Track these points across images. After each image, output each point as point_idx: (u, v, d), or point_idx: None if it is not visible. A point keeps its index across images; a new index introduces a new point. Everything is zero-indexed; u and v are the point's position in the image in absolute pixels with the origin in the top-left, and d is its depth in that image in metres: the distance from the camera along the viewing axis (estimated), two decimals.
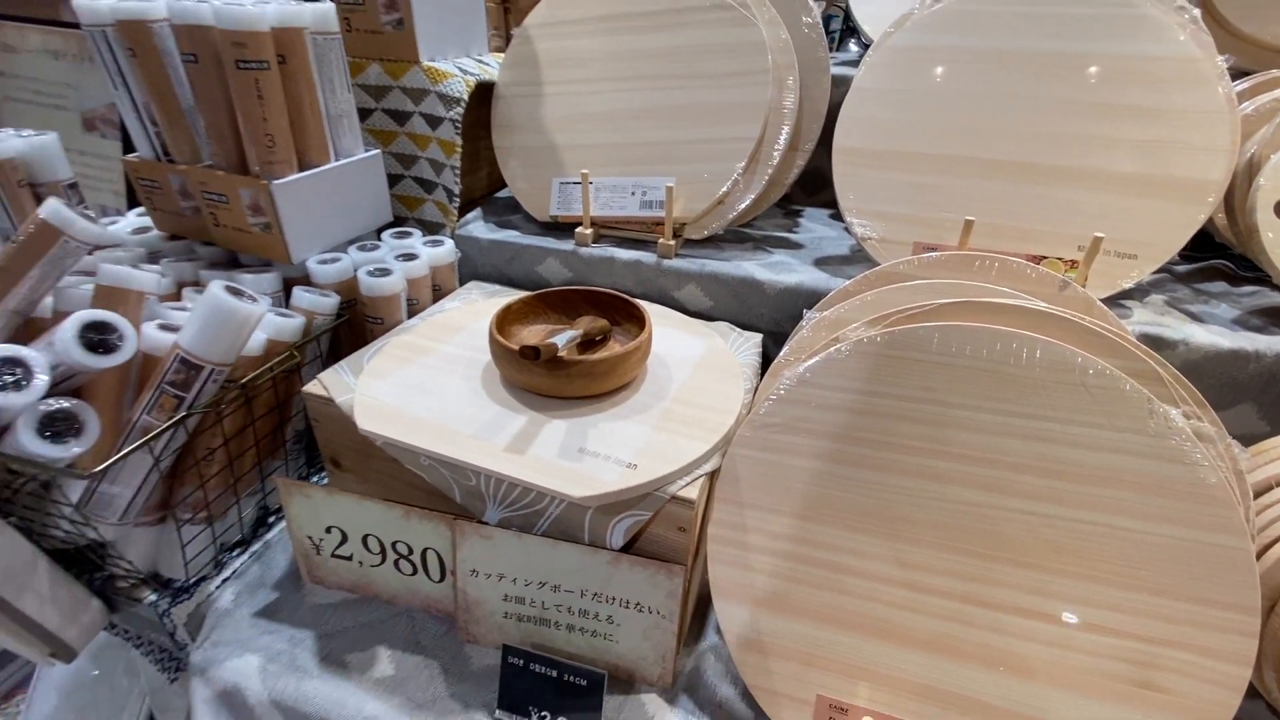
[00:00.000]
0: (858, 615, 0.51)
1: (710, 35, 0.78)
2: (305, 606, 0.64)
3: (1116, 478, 0.46)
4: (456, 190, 0.85)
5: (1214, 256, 0.81)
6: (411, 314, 0.76)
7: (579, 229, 0.82)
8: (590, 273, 0.82)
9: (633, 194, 0.80)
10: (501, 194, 0.99)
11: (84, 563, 0.63)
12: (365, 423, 0.55)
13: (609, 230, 0.83)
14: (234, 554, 0.68)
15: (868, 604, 0.50)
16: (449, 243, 0.81)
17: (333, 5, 0.71)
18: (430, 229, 0.88)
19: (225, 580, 0.65)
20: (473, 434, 0.55)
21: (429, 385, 0.61)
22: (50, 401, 0.50)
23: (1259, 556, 0.52)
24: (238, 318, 0.55)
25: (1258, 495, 0.55)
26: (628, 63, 0.82)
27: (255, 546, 0.69)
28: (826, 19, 1.74)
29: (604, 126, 0.83)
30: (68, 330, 0.50)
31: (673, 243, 0.78)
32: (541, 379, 0.56)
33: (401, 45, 0.81)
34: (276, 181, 0.68)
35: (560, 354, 0.55)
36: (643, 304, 0.65)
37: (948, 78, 0.72)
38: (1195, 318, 0.67)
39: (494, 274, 0.87)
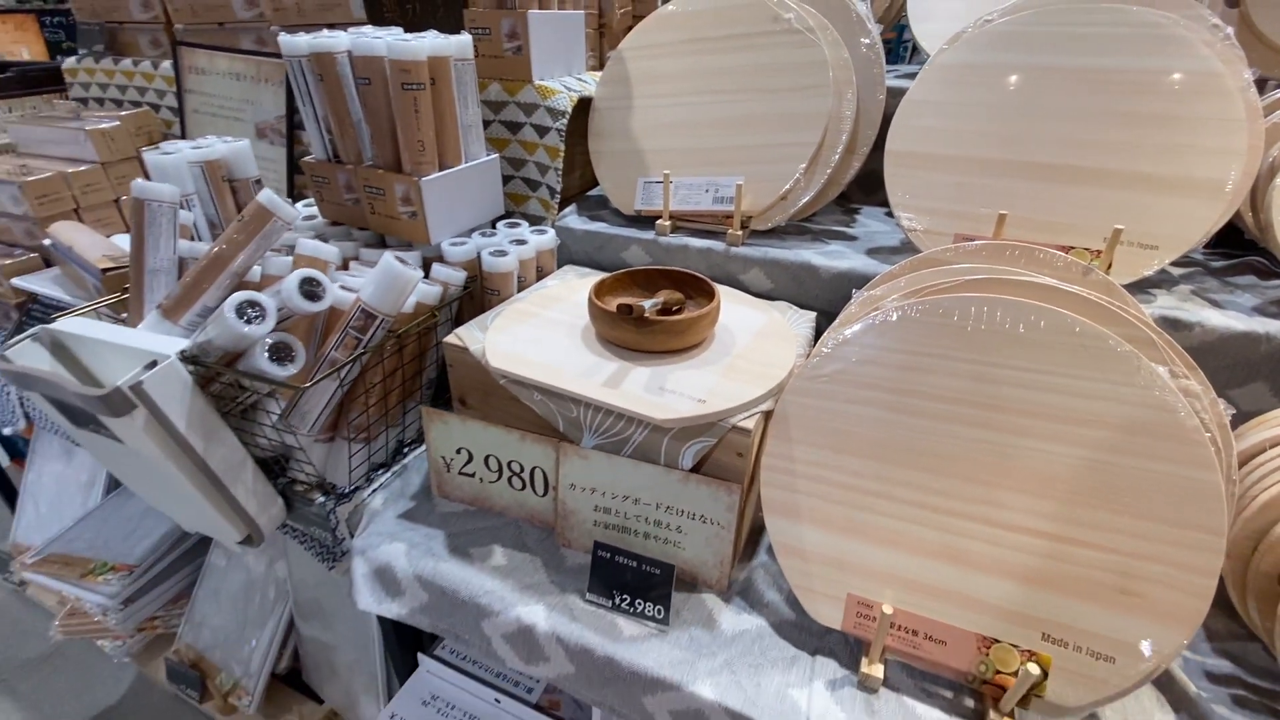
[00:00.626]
0: (883, 530, 0.62)
1: (779, 55, 0.91)
2: (435, 513, 0.80)
3: (1108, 421, 0.55)
4: (558, 188, 1.01)
5: (1248, 254, 0.87)
6: (521, 288, 0.92)
7: (659, 221, 0.96)
8: (668, 258, 0.95)
9: (706, 191, 0.94)
10: (592, 192, 1.15)
11: (272, 469, 0.82)
12: (496, 363, 0.71)
13: (684, 222, 0.97)
14: (379, 472, 0.85)
15: (892, 521, 0.61)
16: (551, 232, 0.97)
17: (470, 36, 0.88)
18: (534, 221, 1.05)
19: (374, 490, 0.83)
20: (576, 374, 0.69)
21: (540, 340, 0.76)
22: (276, 334, 0.68)
23: (1245, 505, 0.60)
24: (404, 279, 0.72)
25: (1254, 455, 0.62)
26: (705, 79, 0.96)
27: (395, 468, 0.86)
28: (900, 28, 1.81)
29: (683, 133, 0.97)
30: (291, 282, 0.68)
31: (740, 233, 0.91)
32: (631, 334, 0.71)
33: (518, 67, 0.98)
34: (424, 178, 0.86)
35: (646, 315, 0.69)
36: (711, 281, 0.79)
37: (990, 90, 0.82)
38: (1215, 304, 0.74)
39: (585, 259, 1.02)
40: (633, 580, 0.67)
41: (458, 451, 0.78)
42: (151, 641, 1.29)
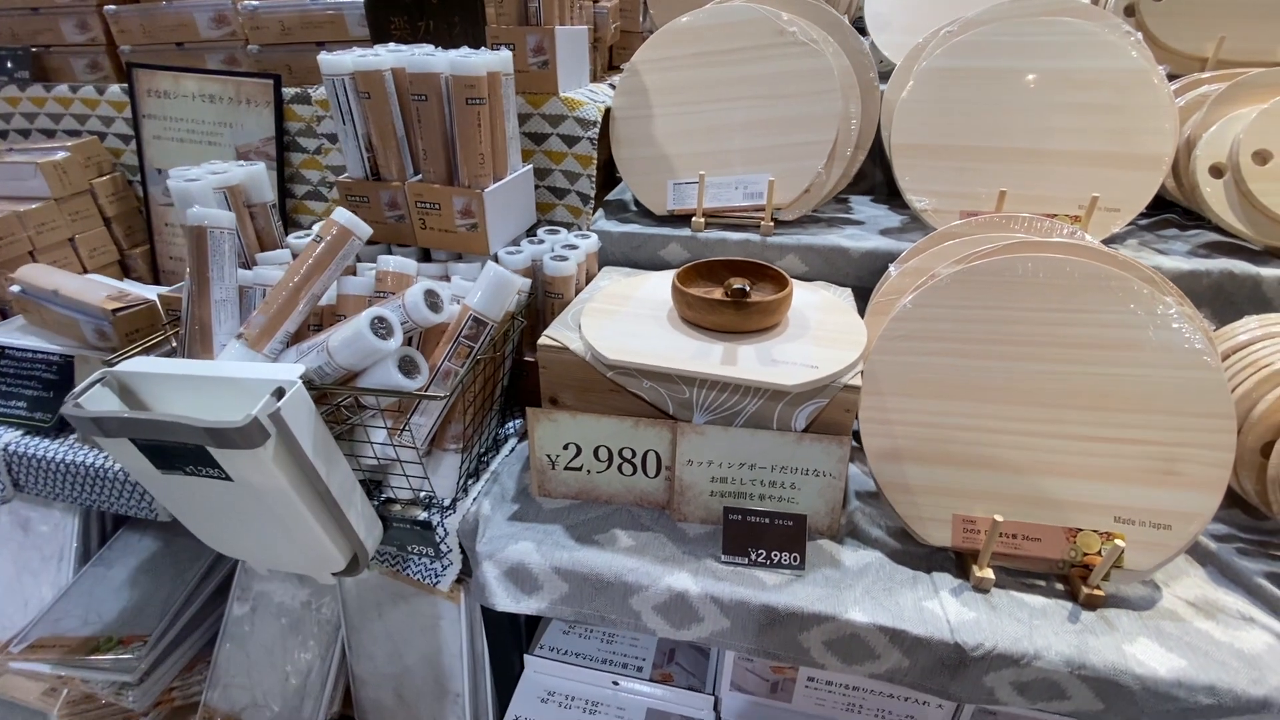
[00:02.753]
0: (972, 456, 0.73)
1: (788, 64, 1.02)
2: (543, 511, 0.83)
3: (1136, 344, 0.70)
4: (591, 194, 1.06)
5: (1165, 212, 1.09)
6: (575, 291, 0.96)
7: (694, 219, 1.04)
8: (706, 251, 1.03)
9: (736, 189, 1.03)
10: (610, 196, 1.21)
11: (368, 489, 0.80)
12: (613, 355, 0.75)
13: (715, 218, 1.06)
14: (470, 481, 0.86)
15: (978, 448, 0.73)
16: (594, 236, 1.02)
17: (510, 52, 0.92)
18: (561, 227, 1.09)
19: (475, 498, 0.84)
20: (689, 357, 0.75)
21: (634, 332, 0.81)
22: (403, 348, 0.68)
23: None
24: (511, 285, 0.75)
25: (1225, 358, 0.81)
26: (720, 88, 1.05)
27: (486, 475, 0.87)
28: None
29: (705, 137, 1.06)
30: (415, 295, 0.69)
31: (772, 224, 1.01)
32: (731, 317, 0.78)
33: (544, 80, 1.02)
34: (486, 190, 0.88)
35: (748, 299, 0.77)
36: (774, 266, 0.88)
37: (971, 89, 0.97)
38: (1161, 252, 0.94)
39: (622, 259, 1.08)
40: (765, 536, 0.74)
41: (565, 447, 0.81)
42: (168, 717, 1.17)
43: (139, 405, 0.73)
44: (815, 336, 0.80)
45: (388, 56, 0.86)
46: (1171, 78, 1.05)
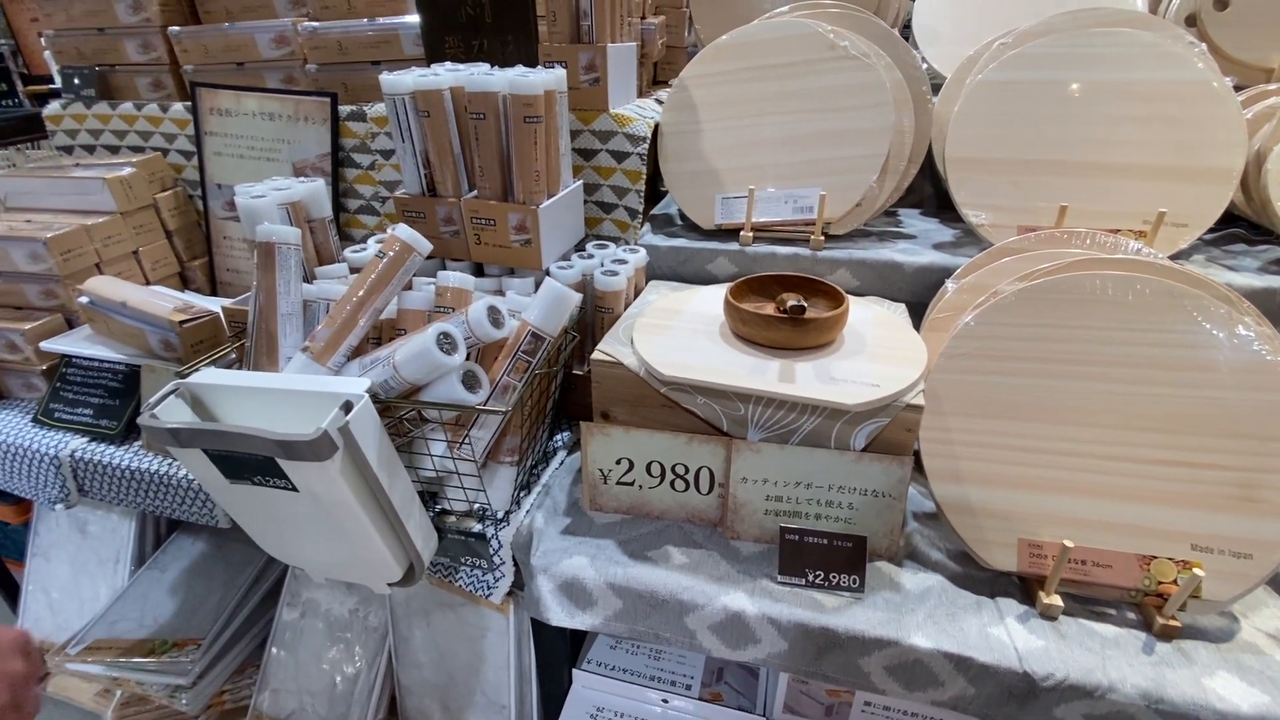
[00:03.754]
0: (1040, 479, 0.71)
1: (839, 79, 1.01)
2: (595, 525, 0.83)
3: (1211, 365, 0.67)
4: (639, 209, 1.07)
5: (1232, 227, 1.06)
6: (624, 305, 0.96)
7: (742, 233, 1.04)
8: (755, 265, 1.03)
9: (785, 203, 1.03)
10: (656, 210, 1.21)
11: (423, 500, 0.81)
12: (668, 372, 0.75)
13: (763, 232, 1.05)
14: (521, 493, 0.87)
15: (1046, 470, 0.71)
16: (642, 251, 1.02)
17: (563, 70, 0.93)
18: (610, 241, 1.09)
19: (527, 510, 0.84)
20: (745, 374, 0.75)
21: (687, 347, 0.81)
22: (466, 362, 0.69)
23: None
24: (569, 301, 0.76)
25: None
26: (769, 102, 1.05)
27: (537, 488, 0.88)
28: None
29: (753, 151, 1.06)
30: (479, 312, 0.70)
31: (822, 238, 1.01)
32: (788, 333, 0.77)
33: (595, 97, 1.03)
34: (541, 206, 0.89)
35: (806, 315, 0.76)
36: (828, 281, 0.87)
37: (1029, 102, 0.95)
38: (1230, 268, 0.91)
39: (668, 273, 1.08)
40: (823, 557, 0.73)
41: (617, 462, 0.81)
42: (219, 718, 1.19)
43: (208, 416, 0.75)
44: (873, 353, 0.79)
45: (446, 76, 0.88)
46: (1237, 89, 1.02)
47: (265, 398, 0.72)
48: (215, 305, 1.02)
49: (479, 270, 1.01)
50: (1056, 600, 0.69)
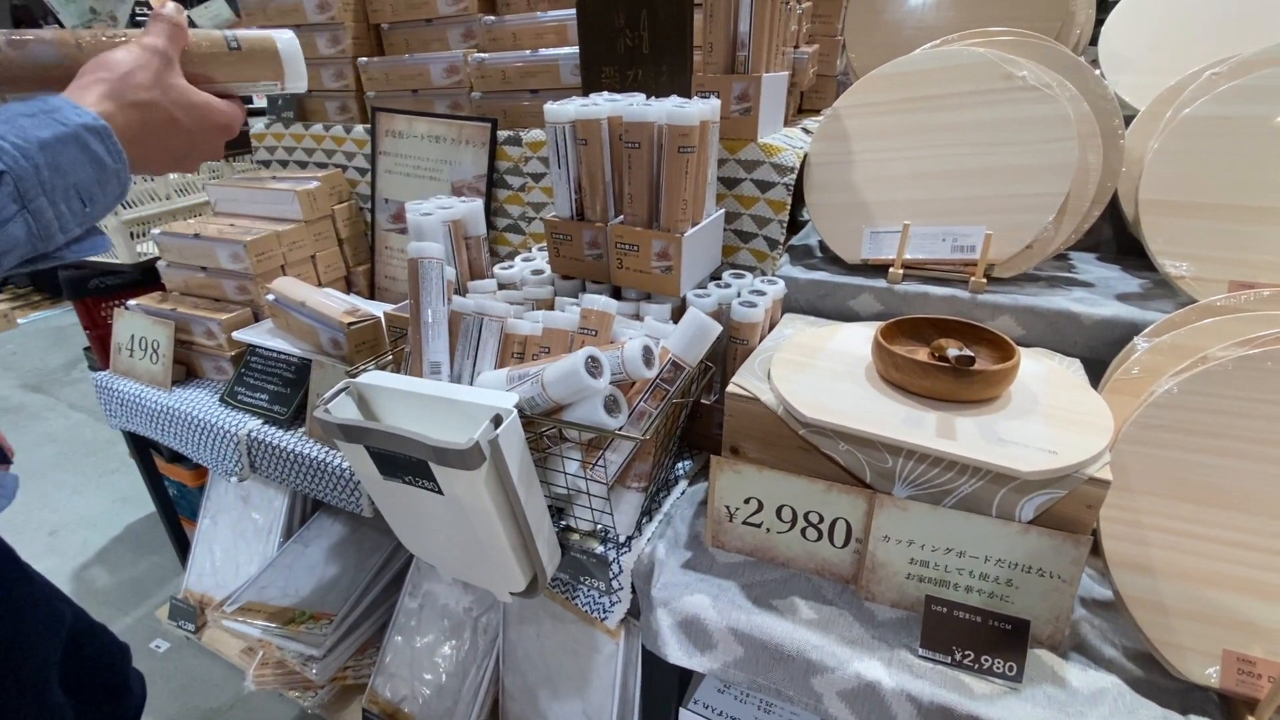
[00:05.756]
0: (1250, 580, 0.60)
1: (1015, 111, 0.93)
2: (717, 564, 0.80)
3: None
4: (780, 240, 1.04)
5: None
6: (760, 338, 0.94)
7: (891, 270, 0.98)
8: (903, 306, 0.97)
9: (943, 240, 0.96)
10: (794, 241, 1.18)
11: (551, 515, 0.83)
12: (811, 414, 0.72)
13: (913, 270, 0.99)
14: (644, 520, 0.86)
15: (1259, 571, 0.60)
16: (781, 282, 0.99)
17: (718, 101, 0.93)
18: (746, 271, 1.07)
19: (649, 539, 0.83)
20: (898, 424, 0.70)
21: (831, 389, 0.77)
22: (609, 386, 0.70)
23: None
24: (710, 332, 0.75)
25: None
26: (931, 134, 0.99)
27: (659, 517, 0.87)
28: None
29: (909, 185, 1.00)
30: (634, 351, 0.70)
31: (984, 280, 0.93)
32: (949, 385, 0.71)
33: (745, 127, 1.03)
34: (685, 234, 0.89)
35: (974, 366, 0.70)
36: (993, 329, 0.80)
37: (1244, 140, 0.83)
38: None
39: (806, 307, 1.05)
40: (975, 635, 0.66)
41: (746, 501, 0.78)
42: (339, 693, 1.29)
43: (370, 414, 0.81)
44: (1046, 414, 0.71)
45: (605, 106, 0.90)
46: None
47: (420, 403, 0.76)
48: (377, 309, 1.11)
49: (616, 293, 1.03)
50: None
